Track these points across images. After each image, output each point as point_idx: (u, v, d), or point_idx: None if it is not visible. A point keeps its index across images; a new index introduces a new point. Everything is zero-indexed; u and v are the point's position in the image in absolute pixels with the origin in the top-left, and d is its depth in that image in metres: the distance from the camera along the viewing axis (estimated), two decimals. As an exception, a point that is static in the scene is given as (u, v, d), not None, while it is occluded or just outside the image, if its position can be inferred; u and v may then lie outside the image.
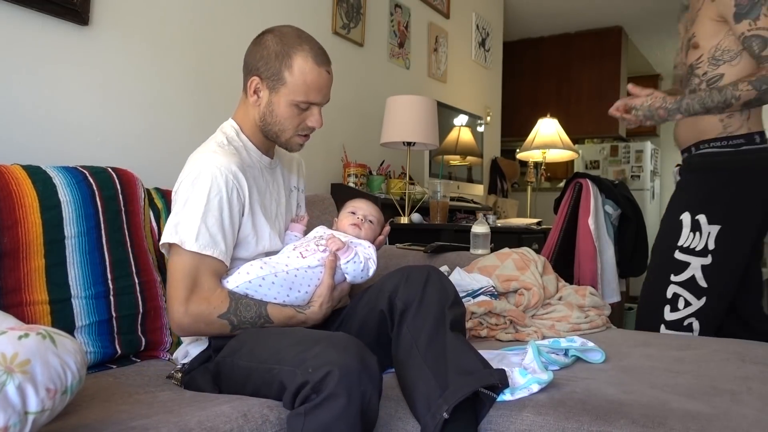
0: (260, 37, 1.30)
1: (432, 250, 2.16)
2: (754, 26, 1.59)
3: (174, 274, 1.20)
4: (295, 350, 1.04)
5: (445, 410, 1.03)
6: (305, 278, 1.26)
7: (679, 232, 1.77)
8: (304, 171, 1.57)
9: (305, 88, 1.26)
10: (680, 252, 1.77)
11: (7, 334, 0.75)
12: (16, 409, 0.70)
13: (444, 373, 1.08)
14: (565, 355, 1.34)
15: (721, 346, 1.50)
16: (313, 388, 0.95)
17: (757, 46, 1.58)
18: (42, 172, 1.36)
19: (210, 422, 0.93)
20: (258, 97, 1.30)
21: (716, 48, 1.70)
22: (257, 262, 1.25)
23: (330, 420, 0.94)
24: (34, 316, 1.26)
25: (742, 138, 1.71)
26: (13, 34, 1.57)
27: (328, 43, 2.77)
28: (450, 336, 1.14)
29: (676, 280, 1.78)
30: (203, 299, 1.18)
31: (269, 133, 1.32)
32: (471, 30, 4.17)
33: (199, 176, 1.21)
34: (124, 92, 1.86)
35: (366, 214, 1.41)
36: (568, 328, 1.69)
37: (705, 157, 1.77)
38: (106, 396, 1.11)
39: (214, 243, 1.19)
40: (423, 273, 1.21)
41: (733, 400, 1.08)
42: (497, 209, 4.13)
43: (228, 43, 2.21)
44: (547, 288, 1.83)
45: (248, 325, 1.20)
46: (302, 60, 1.25)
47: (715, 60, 1.71)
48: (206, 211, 1.19)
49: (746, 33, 1.60)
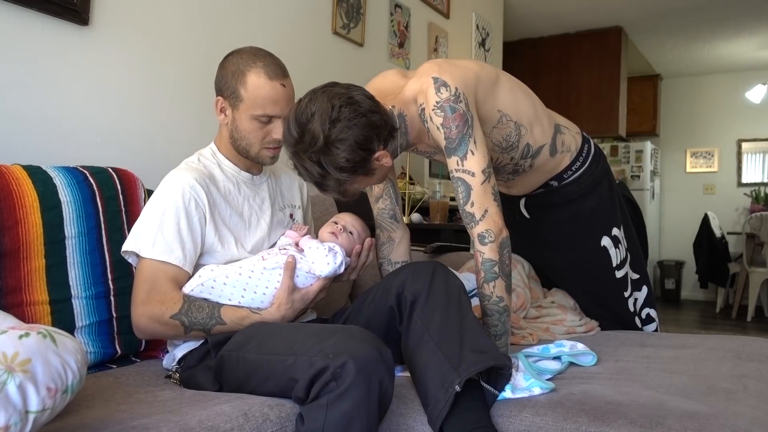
0: (224, 60, 1.38)
1: (432, 251, 2.17)
2: (461, 166, 1.34)
3: (136, 279, 1.27)
4: (312, 341, 1.06)
5: (458, 383, 1.06)
6: (261, 280, 1.27)
7: (609, 256, 1.73)
8: (305, 190, 1.60)
9: (261, 102, 1.31)
10: (617, 270, 1.75)
11: (8, 333, 0.75)
12: (17, 408, 0.71)
13: (457, 354, 1.11)
14: (558, 359, 1.34)
15: (717, 344, 1.51)
16: (333, 374, 0.98)
17: (462, 192, 1.35)
18: (42, 172, 1.36)
19: (211, 421, 0.94)
20: (225, 116, 1.37)
21: (492, 150, 1.53)
22: (210, 266, 1.29)
23: (352, 409, 0.97)
24: (34, 316, 1.26)
25: (583, 149, 1.70)
26: (13, 34, 1.57)
27: (328, 43, 2.79)
28: (464, 319, 1.18)
29: (627, 294, 1.79)
30: (158, 301, 1.23)
31: (240, 149, 1.38)
32: (471, 30, 4.17)
33: (160, 191, 1.30)
34: (124, 92, 1.87)
35: (346, 224, 1.41)
36: (563, 331, 1.69)
37: (578, 181, 1.69)
38: (107, 395, 1.11)
39: (170, 250, 1.25)
40: (429, 267, 1.26)
41: (729, 399, 1.08)
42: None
43: (228, 43, 2.20)
44: (533, 290, 1.83)
45: (200, 327, 1.22)
46: (255, 76, 1.31)
47: (505, 150, 1.56)
48: (162, 221, 1.27)
49: (454, 172, 1.36)
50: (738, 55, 6.05)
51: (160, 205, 1.28)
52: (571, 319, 1.74)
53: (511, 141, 1.54)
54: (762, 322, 5.19)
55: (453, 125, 1.32)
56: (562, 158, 1.67)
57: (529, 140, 1.57)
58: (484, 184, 1.33)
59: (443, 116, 1.32)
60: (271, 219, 1.43)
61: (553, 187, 1.71)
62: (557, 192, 1.71)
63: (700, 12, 4.94)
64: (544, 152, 1.61)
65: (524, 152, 1.58)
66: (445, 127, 1.32)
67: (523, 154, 1.59)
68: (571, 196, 1.71)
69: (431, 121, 1.35)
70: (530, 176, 1.68)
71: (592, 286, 1.80)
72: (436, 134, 1.36)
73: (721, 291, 5.78)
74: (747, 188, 6.48)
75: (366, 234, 1.43)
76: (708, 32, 5.44)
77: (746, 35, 5.51)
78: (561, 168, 1.67)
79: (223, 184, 1.37)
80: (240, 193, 1.40)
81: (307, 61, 2.64)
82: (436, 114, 1.33)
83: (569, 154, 1.67)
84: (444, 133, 1.33)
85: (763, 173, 6.58)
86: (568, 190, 1.70)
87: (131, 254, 1.29)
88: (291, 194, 1.55)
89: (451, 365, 1.09)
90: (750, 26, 5.28)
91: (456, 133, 1.32)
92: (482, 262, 1.34)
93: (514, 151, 1.57)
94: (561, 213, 1.74)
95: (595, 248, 1.73)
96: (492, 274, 1.33)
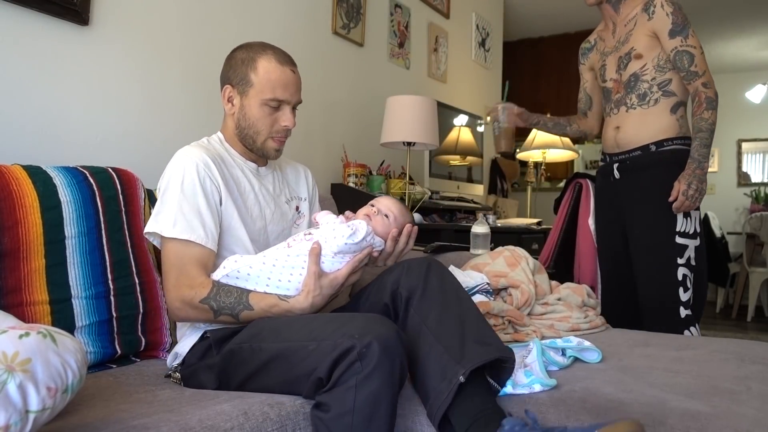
0: (231, 53, 1.41)
1: (432, 250, 2.17)
2: (685, 43, 1.94)
3: (164, 264, 1.28)
4: (332, 326, 1.07)
5: (463, 374, 1.06)
6: (285, 268, 1.25)
7: (675, 219, 1.98)
8: (311, 179, 1.61)
9: (271, 86, 1.34)
10: (680, 236, 1.99)
11: (8, 333, 0.75)
12: (17, 408, 0.71)
13: (459, 346, 1.11)
14: (562, 355, 1.34)
15: (720, 346, 1.50)
16: (359, 354, 0.99)
17: (687, 60, 1.94)
18: (42, 172, 1.36)
19: (210, 420, 0.94)
20: (232, 105, 1.39)
21: (658, 58, 2.01)
22: (234, 256, 1.28)
23: (379, 389, 0.99)
24: (34, 316, 1.26)
25: (689, 138, 2.02)
26: (13, 34, 1.57)
27: (328, 43, 2.79)
28: (464, 312, 1.18)
29: (681, 262, 1.99)
30: (187, 286, 1.23)
31: (246, 139, 1.39)
32: (471, 30, 4.17)
33: (174, 169, 1.30)
34: (124, 92, 1.87)
35: (381, 207, 1.38)
36: (567, 328, 1.69)
37: (675, 153, 2.01)
38: (107, 395, 1.11)
39: (191, 229, 1.26)
40: (423, 263, 1.25)
41: (732, 400, 1.08)
42: (497, 209, 4.13)
43: (228, 43, 2.19)
44: (540, 285, 1.83)
45: (228, 311, 1.22)
46: (266, 61, 1.35)
47: (660, 67, 2.01)
48: (181, 199, 1.27)
49: (678, 48, 1.95)
50: (738, 55, 6.05)
51: (177, 183, 1.28)
52: (577, 317, 1.74)
53: (669, 67, 2.00)
54: (762, 322, 5.19)
55: (679, 15, 1.95)
56: (673, 123, 2.02)
57: (676, 81, 2.01)
58: (702, 55, 1.96)
59: (673, 8, 1.95)
60: (274, 210, 1.43)
61: (650, 150, 2.03)
62: (651, 156, 2.03)
63: (699, 12, 4.94)
64: (671, 100, 2.01)
65: (665, 83, 2.02)
66: (673, 15, 1.95)
67: (664, 83, 2.02)
68: (663, 162, 2.01)
69: (661, 8, 1.96)
70: (644, 118, 2.03)
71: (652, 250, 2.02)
72: (660, 18, 1.96)
73: (721, 291, 5.78)
74: (747, 188, 6.48)
75: (405, 219, 1.39)
76: (708, 32, 5.43)
77: (746, 35, 5.51)
78: (665, 134, 2.01)
79: (230, 169, 1.38)
80: (247, 182, 1.40)
81: (307, 61, 2.64)
82: (668, 4, 1.96)
83: (678, 128, 2.02)
84: (672, 20, 1.95)
85: (763, 173, 6.58)
86: (660, 157, 2.02)
87: (154, 235, 1.30)
88: (297, 186, 1.55)
89: (452, 357, 1.09)
90: (750, 26, 5.28)
91: (681, 20, 1.95)
92: (705, 98, 1.92)
93: (663, 73, 2.01)
94: (649, 177, 2.03)
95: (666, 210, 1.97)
96: (711, 105, 1.92)
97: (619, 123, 2.10)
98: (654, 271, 2.02)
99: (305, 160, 2.74)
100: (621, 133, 2.09)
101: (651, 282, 2.03)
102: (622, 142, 2.09)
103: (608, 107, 2.17)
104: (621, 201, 2.13)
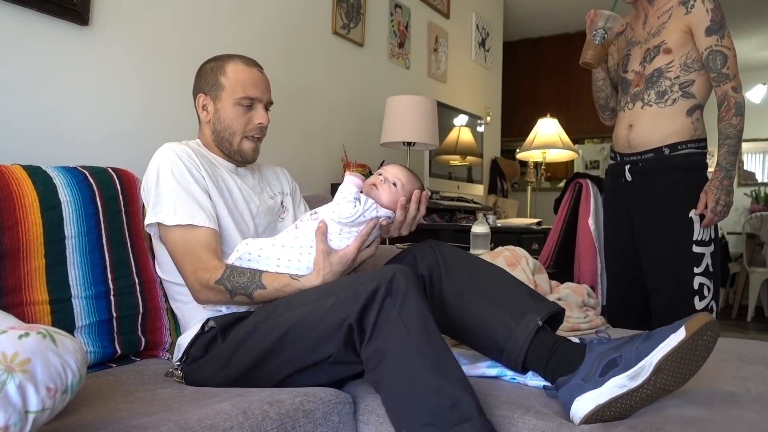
0: (199, 68, 1.49)
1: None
2: (720, 43, 1.88)
3: (173, 254, 1.31)
4: (348, 281, 1.12)
5: (540, 318, 1.12)
6: (294, 248, 1.27)
7: (692, 228, 1.94)
8: (289, 176, 1.65)
9: (242, 85, 1.41)
10: (696, 245, 1.95)
11: (8, 333, 0.75)
12: (17, 408, 0.71)
13: (514, 301, 1.17)
14: None
15: (720, 347, 1.50)
16: (387, 290, 1.04)
17: (720, 61, 1.88)
18: (42, 172, 1.36)
19: (210, 420, 0.94)
20: (207, 112, 1.45)
21: (687, 56, 1.94)
22: (246, 240, 1.32)
23: (418, 306, 1.04)
24: (34, 316, 1.26)
25: (703, 141, 2.00)
26: (12, 34, 1.57)
27: (328, 43, 2.79)
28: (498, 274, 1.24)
29: (699, 271, 1.95)
30: (203, 270, 1.26)
31: (223, 143, 1.44)
32: (471, 30, 4.17)
33: (161, 162, 1.34)
34: (124, 92, 1.87)
35: (388, 175, 1.36)
36: (567, 328, 1.69)
37: (689, 157, 1.98)
38: (106, 395, 1.11)
39: (192, 215, 1.29)
40: (426, 245, 1.34)
41: (731, 402, 1.08)
42: (497, 209, 4.13)
43: (228, 43, 2.21)
44: (540, 285, 1.83)
45: (242, 291, 1.24)
46: (233, 65, 1.43)
47: (686, 66, 1.95)
48: (176, 187, 1.31)
49: (713, 47, 1.88)
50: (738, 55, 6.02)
51: (167, 173, 1.32)
52: (577, 317, 1.74)
53: (695, 67, 1.94)
54: (762, 322, 5.19)
55: (718, 13, 1.88)
56: (688, 126, 1.96)
57: (698, 84, 1.95)
58: (735, 58, 1.91)
59: (714, 5, 1.88)
60: (259, 204, 1.46)
61: (663, 154, 1.99)
62: (665, 160, 1.99)
63: (700, 12, 4.93)
64: (689, 102, 1.96)
65: (687, 83, 1.95)
66: (713, 12, 1.88)
67: (686, 83, 1.95)
68: (677, 167, 1.98)
69: (701, 3, 1.88)
70: (659, 117, 1.97)
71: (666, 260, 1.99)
72: (699, 13, 1.89)
73: (721, 291, 5.78)
74: (747, 188, 6.48)
75: (413, 186, 1.38)
76: (708, 32, 5.43)
77: (746, 35, 5.51)
78: (679, 137, 1.96)
79: (212, 167, 1.42)
80: (230, 179, 1.44)
81: (307, 61, 2.64)
82: (710, 0, 1.88)
83: (693, 131, 1.97)
84: (711, 17, 1.87)
85: (764, 173, 6.58)
86: (674, 162, 1.98)
87: (156, 227, 1.33)
88: (278, 182, 1.60)
89: (513, 310, 1.14)
90: (750, 26, 5.28)
91: (720, 19, 1.88)
92: (735, 103, 1.88)
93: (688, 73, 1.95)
94: (663, 183, 2.00)
95: (682, 218, 1.95)
96: (740, 111, 1.89)
97: (633, 121, 2.03)
98: (668, 281, 1.98)
99: (305, 160, 2.75)
100: (633, 132, 2.03)
101: (664, 290, 1.99)
102: (635, 142, 2.03)
103: (624, 100, 2.09)
104: (631, 203, 2.08)
